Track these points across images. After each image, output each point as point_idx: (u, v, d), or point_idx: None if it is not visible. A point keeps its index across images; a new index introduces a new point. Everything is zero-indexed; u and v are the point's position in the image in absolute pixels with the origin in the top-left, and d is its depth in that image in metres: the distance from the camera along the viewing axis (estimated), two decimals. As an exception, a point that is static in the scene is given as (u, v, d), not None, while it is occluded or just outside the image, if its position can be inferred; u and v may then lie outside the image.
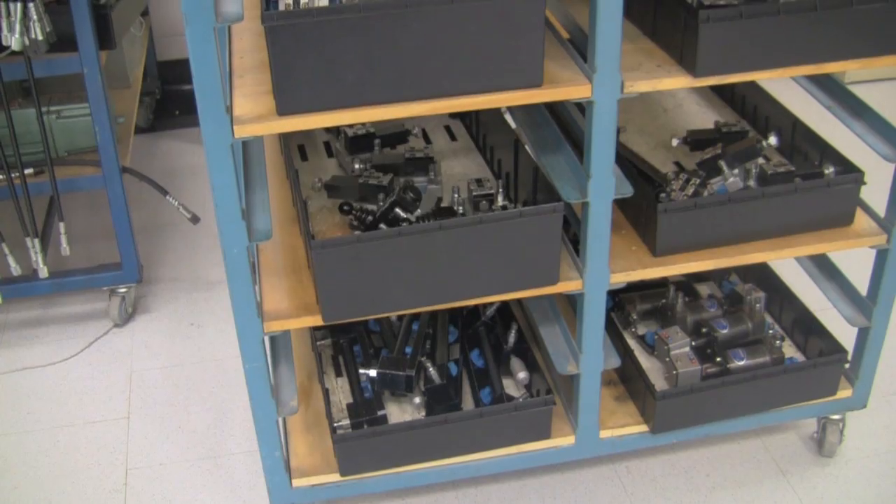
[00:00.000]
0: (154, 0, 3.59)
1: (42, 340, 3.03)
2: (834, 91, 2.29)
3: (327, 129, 2.46)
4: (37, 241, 2.79)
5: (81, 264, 3.08)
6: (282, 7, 1.81)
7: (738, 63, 1.88)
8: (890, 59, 1.95)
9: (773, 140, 2.34)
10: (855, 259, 2.33)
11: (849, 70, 1.95)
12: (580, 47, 1.89)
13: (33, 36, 2.48)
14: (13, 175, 2.72)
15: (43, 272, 2.87)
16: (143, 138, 4.09)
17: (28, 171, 2.82)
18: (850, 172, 2.16)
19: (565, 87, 1.81)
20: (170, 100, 4.29)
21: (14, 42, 2.47)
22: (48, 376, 2.88)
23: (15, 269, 2.82)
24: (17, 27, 2.45)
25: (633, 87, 1.84)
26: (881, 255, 2.23)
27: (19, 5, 2.44)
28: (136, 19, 3.49)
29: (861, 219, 2.21)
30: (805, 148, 2.32)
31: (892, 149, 2.11)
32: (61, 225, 2.81)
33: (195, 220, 3.12)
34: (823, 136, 2.29)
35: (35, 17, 2.47)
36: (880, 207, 2.20)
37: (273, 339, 2.15)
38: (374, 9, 1.67)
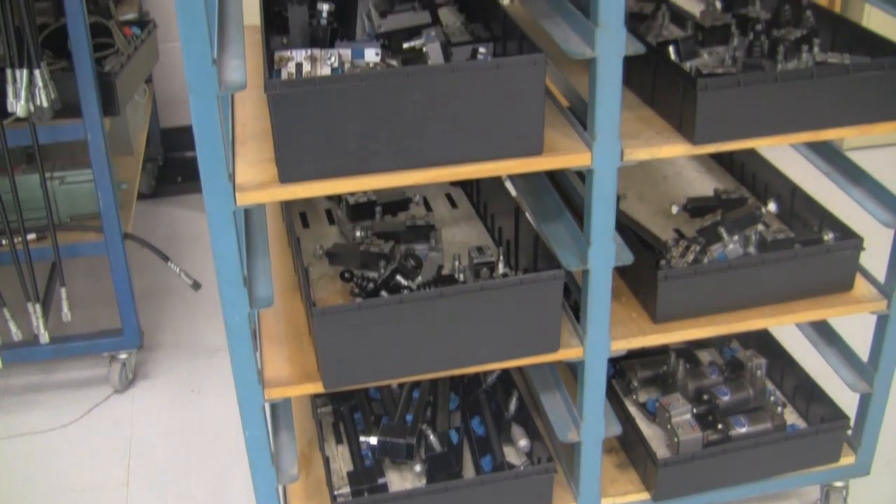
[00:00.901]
0: (158, 67, 3.62)
1: (42, 406, 3.02)
2: (832, 158, 2.31)
3: (329, 197, 2.47)
4: (38, 306, 2.79)
5: (82, 329, 3.08)
6: (284, 76, 1.83)
7: (736, 130, 1.90)
8: (887, 125, 1.97)
9: (772, 207, 2.35)
10: (856, 324, 2.33)
11: (847, 137, 1.96)
12: (580, 115, 1.91)
13: (38, 102, 2.51)
14: (16, 240, 2.73)
15: (44, 337, 2.87)
16: (145, 204, 4.11)
17: (30, 236, 2.83)
18: (850, 238, 2.17)
19: (565, 156, 1.82)
20: (172, 166, 4.32)
21: (19, 108, 2.50)
22: (47, 442, 2.87)
23: (16, 334, 2.82)
24: (23, 94, 2.48)
25: (633, 155, 1.85)
26: (881, 321, 2.23)
27: (25, 72, 2.47)
28: (140, 86, 3.52)
29: (861, 284, 2.21)
30: (804, 214, 2.33)
31: (891, 215, 2.12)
32: (63, 290, 2.81)
33: (196, 286, 3.13)
34: (822, 202, 2.30)
35: (41, 83, 2.49)
36: (880, 273, 2.21)
37: (273, 407, 2.14)
38: (376, 78, 1.69)
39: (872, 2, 2.08)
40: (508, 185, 2.26)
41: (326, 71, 1.84)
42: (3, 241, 2.78)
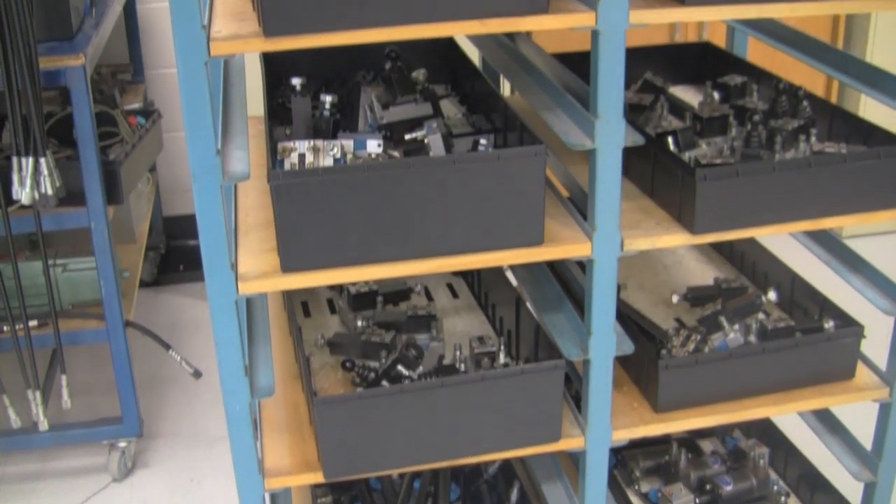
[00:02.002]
0: (161, 156, 3.65)
1: (39, 495, 3.00)
2: (831, 246, 2.32)
3: (330, 286, 2.48)
4: (38, 393, 2.79)
5: (82, 417, 3.07)
6: (287, 166, 1.85)
7: (735, 220, 1.91)
8: (886, 213, 1.98)
9: (772, 295, 2.36)
10: (858, 412, 2.32)
11: (845, 225, 1.98)
12: (580, 205, 1.92)
13: (43, 190, 2.53)
14: (17, 326, 2.73)
15: (43, 425, 2.86)
16: (147, 292, 4.11)
17: (32, 322, 2.84)
18: (850, 326, 2.17)
19: (566, 246, 1.83)
20: (174, 255, 4.33)
21: (24, 196, 2.52)
22: (44, 532, 2.85)
23: (15, 422, 2.81)
24: (28, 181, 2.50)
25: (633, 245, 1.86)
26: (884, 409, 2.22)
27: (31, 160, 2.49)
28: (143, 175, 3.55)
29: (862, 372, 2.21)
30: (804, 303, 2.33)
31: (891, 302, 2.13)
32: (63, 378, 2.81)
33: (197, 374, 3.12)
34: (822, 290, 2.31)
35: (46, 171, 2.52)
36: (881, 361, 2.20)
37: (274, 497, 2.12)
38: (377, 169, 1.71)
39: (868, 92, 2.11)
40: (509, 274, 2.27)
41: (329, 162, 1.86)
42: (5, 328, 2.78)
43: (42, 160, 2.51)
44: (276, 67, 2.25)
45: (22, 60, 2.42)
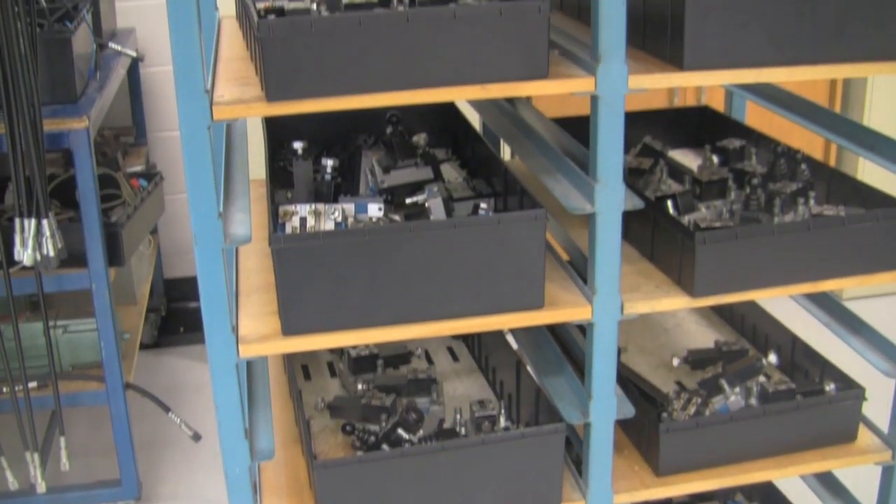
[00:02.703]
0: (163, 218, 3.67)
1: (36, 559, 2.97)
2: (831, 308, 2.32)
3: (331, 350, 2.48)
4: (36, 455, 2.77)
5: (80, 479, 3.05)
6: (289, 230, 1.86)
7: (735, 283, 1.92)
8: (885, 275, 1.99)
9: (773, 358, 2.35)
10: (861, 475, 2.30)
11: (845, 287, 1.98)
12: (580, 269, 1.93)
13: (45, 252, 2.54)
14: (17, 388, 2.72)
15: (41, 487, 2.84)
16: (147, 354, 4.10)
17: (32, 384, 2.83)
18: (851, 389, 2.16)
19: (566, 309, 1.84)
20: (175, 317, 4.33)
21: (26, 257, 2.53)
22: None
23: (12, 484, 2.80)
24: (30, 243, 2.51)
25: (633, 309, 1.87)
26: (886, 472, 2.21)
27: (33, 222, 2.50)
28: (145, 237, 3.57)
29: (864, 435, 2.20)
30: (805, 365, 2.33)
31: (892, 364, 2.13)
32: (62, 439, 2.80)
33: (196, 437, 3.11)
34: (823, 352, 2.30)
35: (48, 233, 2.53)
36: (883, 423, 2.19)
37: (272, 561, 2.11)
38: (378, 232, 1.72)
39: (865, 155, 2.13)
40: (510, 338, 2.27)
41: (330, 225, 1.87)
42: (4, 389, 2.77)
43: (44, 222, 2.52)
44: (277, 131, 2.27)
45: (26, 122, 2.44)
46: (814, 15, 1.79)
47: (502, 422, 2.07)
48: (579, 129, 1.90)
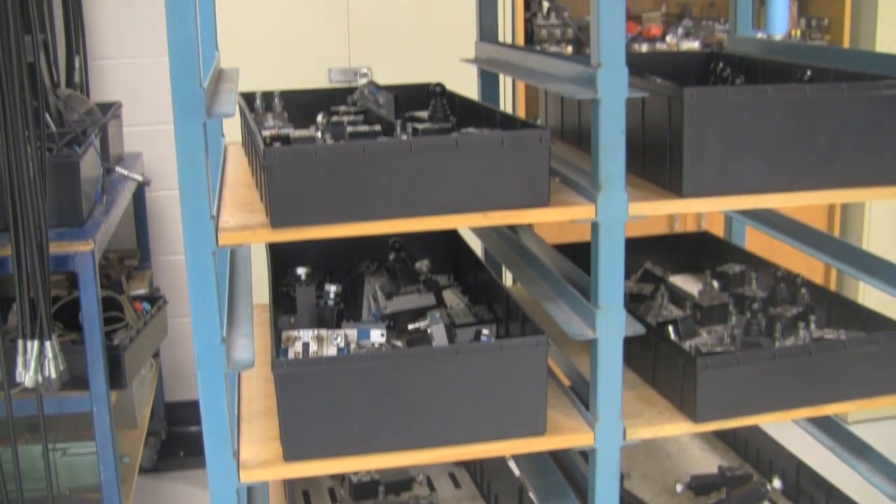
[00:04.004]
0: (165, 341, 3.67)
1: None
2: (835, 432, 2.32)
3: (332, 476, 2.46)
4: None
5: None
6: (291, 355, 1.86)
7: (737, 408, 1.91)
8: (888, 399, 1.99)
9: (777, 484, 2.34)
10: None
11: (847, 411, 1.98)
12: (582, 394, 1.93)
13: (47, 374, 2.53)
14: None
15: None
16: (146, 478, 4.06)
17: (29, 508, 2.81)
18: (858, 516, 2.15)
19: (568, 436, 1.83)
20: (175, 441, 4.29)
21: (28, 379, 2.52)
22: None
23: None
24: (32, 364, 2.51)
25: (635, 434, 1.86)
26: None
27: (36, 343, 2.50)
28: (147, 360, 3.56)
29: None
30: (810, 490, 2.31)
31: (899, 490, 2.11)
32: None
33: (195, 562, 3.06)
34: (828, 477, 2.28)
35: (50, 355, 2.52)
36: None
37: None
38: (381, 359, 1.72)
39: (865, 279, 2.14)
40: (512, 464, 2.25)
41: (333, 351, 1.87)
42: (2, 515, 2.75)
43: (47, 344, 2.52)
44: (281, 255, 2.29)
45: (33, 244, 2.46)
46: (810, 142, 1.83)
47: (505, 549, 2.05)
48: (580, 255, 1.92)
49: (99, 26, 3.83)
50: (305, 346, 1.89)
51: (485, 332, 1.86)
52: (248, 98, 2.30)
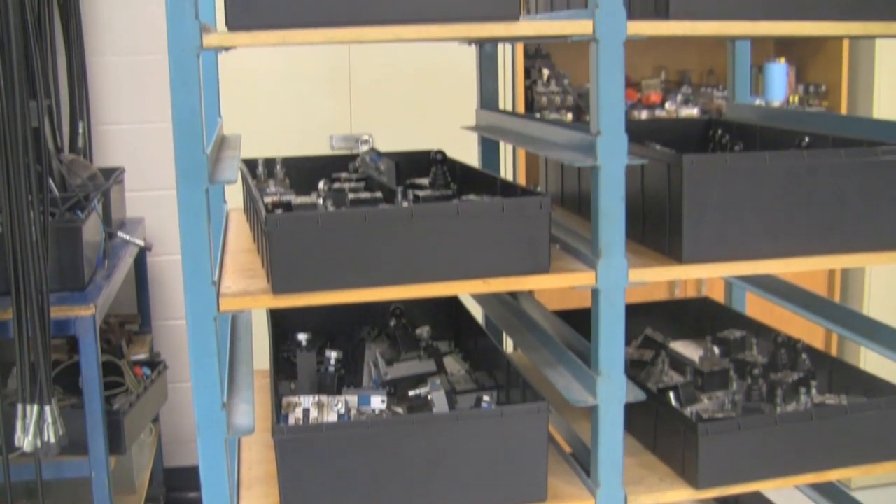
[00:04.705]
0: (165, 406, 3.66)
1: None
2: (839, 498, 2.31)
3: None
4: None
5: None
6: (292, 421, 1.86)
7: (739, 474, 1.91)
8: (890, 465, 1.98)
9: (781, 552, 2.32)
10: None
11: (850, 477, 1.97)
12: (583, 461, 1.92)
13: (46, 438, 2.52)
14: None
15: None
16: (144, 543, 4.03)
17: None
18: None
19: (569, 503, 1.82)
20: (174, 506, 4.26)
21: (27, 444, 2.51)
22: None
23: None
24: (32, 429, 2.49)
25: (637, 502, 1.85)
26: None
27: (36, 408, 2.49)
28: (146, 426, 3.55)
29: None
30: (814, 558, 2.30)
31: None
32: None
33: None
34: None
35: (50, 420, 2.51)
36: None
37: None
38: (381, 425, 1.72)
39: (866, 344, 2.14)
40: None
41: (333, 417, 1.87)
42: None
43: (47, 408, 2.51)
44: (282, 320, 2.30)
45: (34, 308, 2.46)
46: (809, 208, 1.84)
47: None
48: (581, 321, 1.93)
49: (103, 92, 3.86)
50: (306, 412, 1.89)
51: (485, 398, 1.86)
52: (251, 164, 2.32)
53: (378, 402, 1.92)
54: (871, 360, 2.98)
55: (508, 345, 2.80)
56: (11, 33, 2.34)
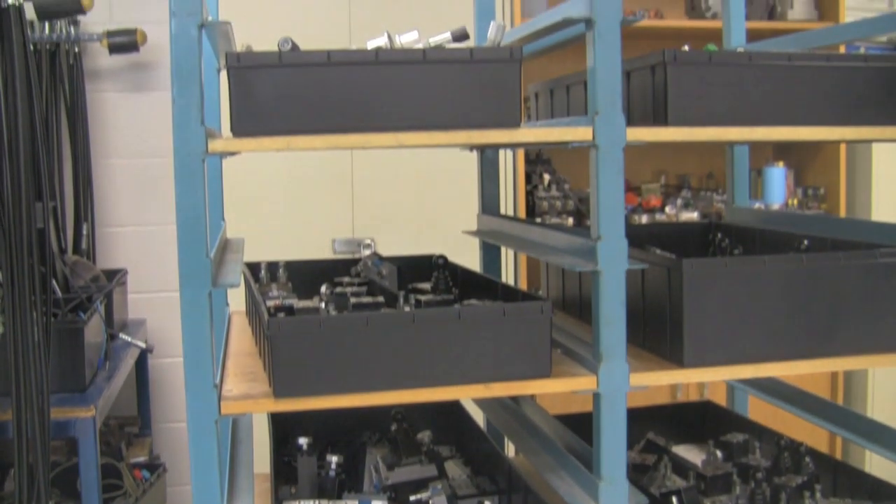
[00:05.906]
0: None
1: None
2: None
3: None
4: None
5: None
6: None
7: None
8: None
9: None
10: None
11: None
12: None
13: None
14: None
15: None
16: None
17: None
18: None
19: None
20: None
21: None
22: None
23: None
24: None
25: None
26: None
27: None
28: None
29: None
30: None
31: None
32: None
33: None
34: None
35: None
36: None
37: None
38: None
39: (870, 447, 2.13)
40: None
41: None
42: None
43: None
44: (283, 424, 2.29)
45: (34, 409, 2.45)
46: (809, 310, 1.85)
47: None
48: (583, 425, 1.92)
49: (107, 194, 3.90)
50: (306, 518, 1.87)
51: (487, 503, 1.85)
52: (253, 268, 2.34)
53: (379, 506, 1.91)
54: (877, 463, 2.97)
55: (510, 449, 2.78)
56: (20, 135, 2.37)
